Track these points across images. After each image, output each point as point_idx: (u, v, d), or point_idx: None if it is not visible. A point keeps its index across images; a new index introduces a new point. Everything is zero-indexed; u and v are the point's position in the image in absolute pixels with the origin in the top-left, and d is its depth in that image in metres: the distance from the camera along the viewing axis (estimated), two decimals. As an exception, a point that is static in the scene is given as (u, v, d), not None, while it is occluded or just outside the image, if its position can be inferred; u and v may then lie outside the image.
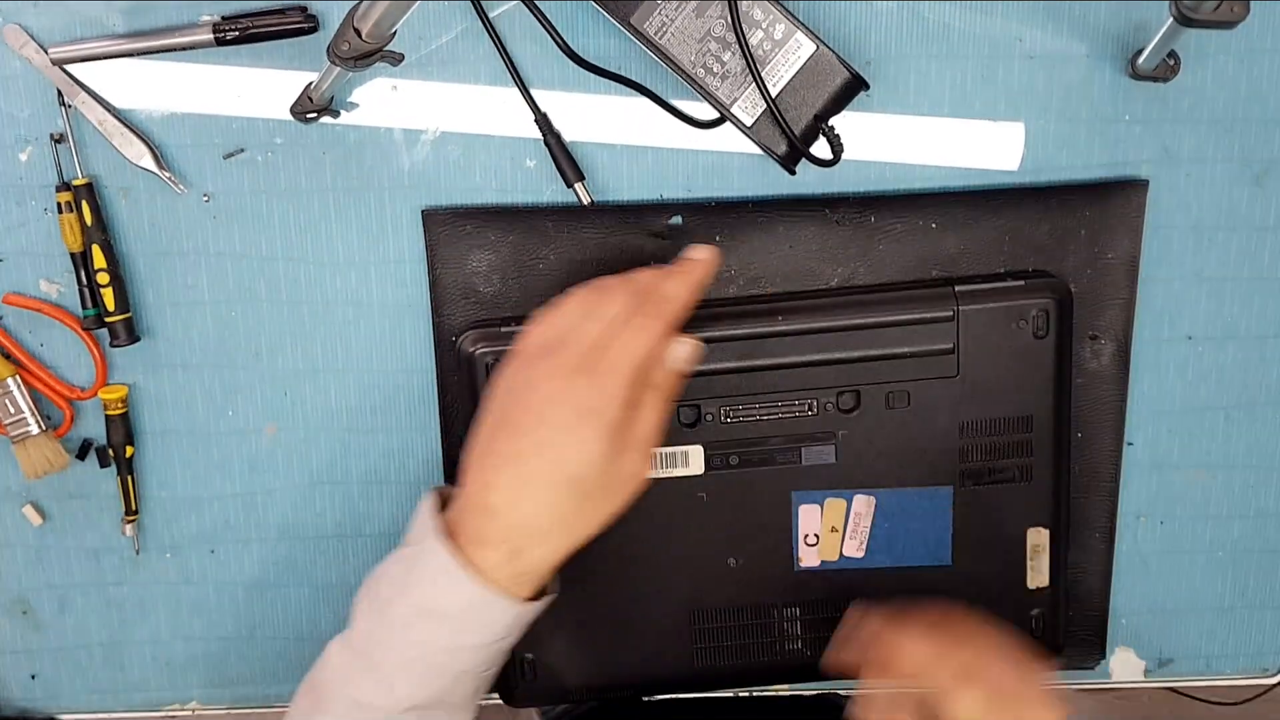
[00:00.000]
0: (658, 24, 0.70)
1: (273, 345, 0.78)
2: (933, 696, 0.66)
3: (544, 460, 0.63)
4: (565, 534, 0.64)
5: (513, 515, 0.63)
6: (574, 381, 0.63)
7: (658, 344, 0.65)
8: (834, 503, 0.77)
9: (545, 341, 0.65)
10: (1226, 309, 0.79)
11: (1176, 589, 0.84)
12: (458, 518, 0.65)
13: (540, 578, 0.66)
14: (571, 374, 0.63)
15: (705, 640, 0.79)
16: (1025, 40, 0.74)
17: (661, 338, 0.65)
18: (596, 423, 0.63)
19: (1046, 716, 0.65)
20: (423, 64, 0.74)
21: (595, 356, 0.64)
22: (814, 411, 0.75)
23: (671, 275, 0.68)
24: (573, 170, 0.74)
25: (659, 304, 0.66)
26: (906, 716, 0.68)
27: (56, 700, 0.85)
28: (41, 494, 0.81)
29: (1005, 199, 0.75)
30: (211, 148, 0.75)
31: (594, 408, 0.63)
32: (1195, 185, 0.77)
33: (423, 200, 0.76)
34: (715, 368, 0.74)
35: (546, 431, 0.63)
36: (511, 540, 0.64)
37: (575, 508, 0.64)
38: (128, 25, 0.72)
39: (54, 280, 0.77)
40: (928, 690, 0.66)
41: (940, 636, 0.69)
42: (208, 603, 0.83)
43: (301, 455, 0.80)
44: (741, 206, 0.75)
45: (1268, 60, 0.74)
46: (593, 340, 0.64)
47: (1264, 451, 0.82)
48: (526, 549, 0.64)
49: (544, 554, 0.64)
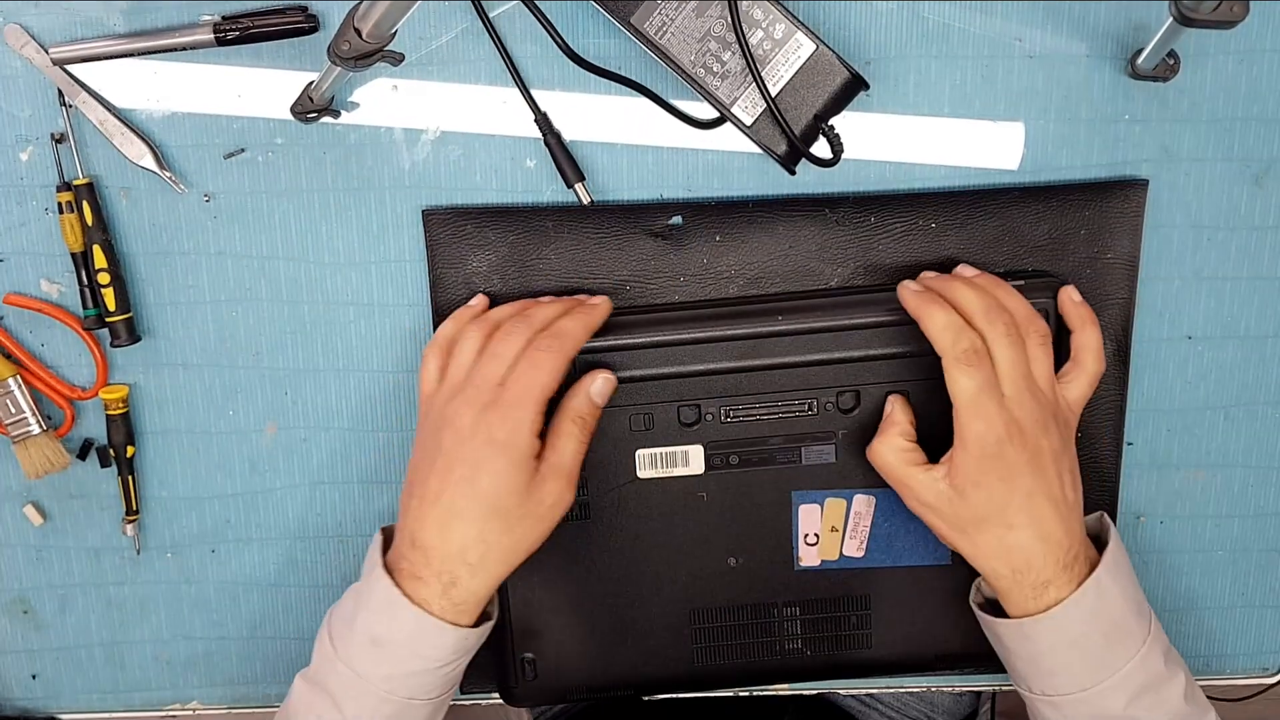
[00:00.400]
0: (658, 24, 0.70)
1: (273, 345, 0.78)
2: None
3: (464, 495, 0.67)
4: (496, 563, 0.68)
5: (443, 549, 0.67)
6: (484, 417, 0.67)
7: (557, 375, 0.68)
8: (834, 502, 0.77)
9: (452, 382, 0.69)
10: (1226, 309, 0.79)
11: (1176, 589, 0.84)
12: (395, 555, 0.69)
13: (479, 604, 0.69)
14: (481, 411, 0.67)
15: (705, 640, 0.79)
16: (1025, 40, 0.74)
17: (560, 369, 0.68)
18: (509, 454, 0.66)
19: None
20: (423, 64, 0.74)
21: (499, 392, 0.67)
22: (814, 411, 0.75)
23: (570, 313, 0.71)
24: (573, 170, 0.74)
25: (556, 337, 0.69)
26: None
27: (57, 700, 0.85)
28: (42, 494, 0.81)
29: (1005, 199, 0.76)
30: (212, 148, 0.75)
31: (504, 440, 0.66)
32: (1195, 185, 0.77)
33: (423, 200, 0.76)
34: (715, 368, 0.74)
35: (463, 468, 0.67)
36: (444, 574, 0.67)
37: (500, 537, 0.67)
38: (128, 25, 0.72)
39: (55, 280, 0.77)
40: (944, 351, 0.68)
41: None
42: (208, 602, 0.83)
43: (301, 455, 0.80)
44: (741, 206, 0.75)
45: (1267, 60, 0.74)
46: (497, 377, 0.68)
47: (1264, 451, 0.82)
48: (460, 580, 0.67)
49: (478, 584, 0.68)
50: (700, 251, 0.76)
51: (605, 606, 0.78)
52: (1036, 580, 0.68)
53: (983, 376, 0.67)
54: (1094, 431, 0.79)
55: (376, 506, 0.81)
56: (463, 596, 0.67)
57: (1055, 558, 0.68)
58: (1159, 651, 0.70)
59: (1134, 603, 0.70)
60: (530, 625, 0.78)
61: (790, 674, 0.81)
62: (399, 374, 0.78)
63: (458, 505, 0.67)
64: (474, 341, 0.70)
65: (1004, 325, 0.68)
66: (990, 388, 0.67)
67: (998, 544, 0.68)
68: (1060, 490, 0.69)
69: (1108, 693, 0.69)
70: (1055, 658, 0.69)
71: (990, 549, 0.69)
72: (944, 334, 0.68)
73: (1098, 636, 0.69)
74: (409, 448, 0.79)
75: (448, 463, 0.67)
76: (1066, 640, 0.69)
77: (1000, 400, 0.67)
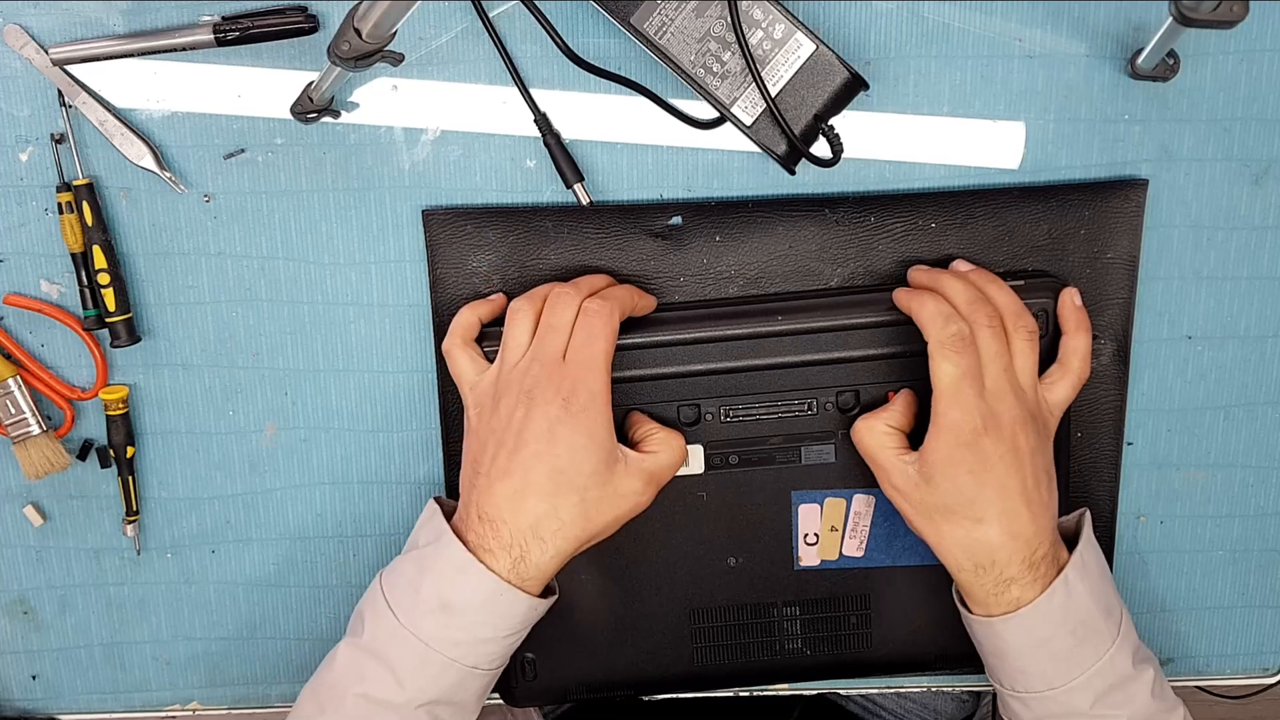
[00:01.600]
0: (658, 24, 0.70)
1: (273, 345, 0.78)
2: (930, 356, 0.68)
3: (538, 470, 0.66)
4: (566, 540, 0.67)
5: (514, 523, 0.66)
6: (554, 392, 0.67)
7: (613, 336, 0.69)
8: (834, 502, 0.77)
9: (511, 361, 0.69)
10: (1226, 308, 0.79)
11: (1176, 588, 0.84)
12: (461, 528, 0.68)
13: (544, 580, 0.68)
14: (550, 386, 0.67)
15: (704, 639, 0.79)
16: (1025, 40, 0.74)
17: (614, 328, 0.69)
18: (585, 429, 0.67)
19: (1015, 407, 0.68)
20: (423, 64, 0.74)
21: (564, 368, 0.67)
22: (813, 411, 0.75)
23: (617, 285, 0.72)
24: (572, 171, 0.74)
25: (605, 299, 0.70)
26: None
27: (57, 700, 0.85)
28: (42, 494, 0.81)
29: (1004, 199, 0.76)
30: (212, 148, 0.75)
31: (578, 413, 0.67)
32: (1194, 184, 0.77)
33: (423, 200, 0.76)
34: (715, 367, 0.74)
35: (536, 444, 0.66)
36: (514, 547, 0.67)
37: (574, 514, 0.67)
38: (128, 25, 0.72)
39: (54, 280, 0.77)
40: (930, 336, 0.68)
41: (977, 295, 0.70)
42: (208, 603, 0.83)
43: (301, 455, 0.80)
44: (741, 206, 0.75)
45: (1267, 60, 0.74)
46: (558, 349, 0.68)
47: (1264, 451, 0.82)
48: (529, 555, 0.67)
49: (546, 559, 0.67)
50: (700, 251, 0.76)
51: (605, 606, 0.78)
52: (999, 577, 0.68)
53: (966, 364, 0.67)
54: (1094, 431, 0.79)
55: (376, 507, 0.81)
56: (530, 572, 0.67)
57: (1022, 556, 0.68)
58: (1128, 651, 0.70)
59: (1103, 602, 0.70)
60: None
61: (790, 674, 0.82)
62: (399, 374, 0.78)
63: (531, 479, 0.66)
64: (527, 317, 0.70)
65: (987, 317, 0.68)
66: (972, 377, 0.67)
67: (964, 536, 0.68)
68: (1035, 488, 0.68)
69: (1074, 692, 0.69)
70: (1023, 656, 0.69)
71: (954, 541, 0.69)
72: (934, 320, 0.68)
73: (1065, 636, 0.69)
74: (409, 448, 0.79)
75: (518, 439, 0.67)
76: (1034, 640, 0.69)
77: (980, 391, 0.67)
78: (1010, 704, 0.72)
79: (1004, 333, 0.69)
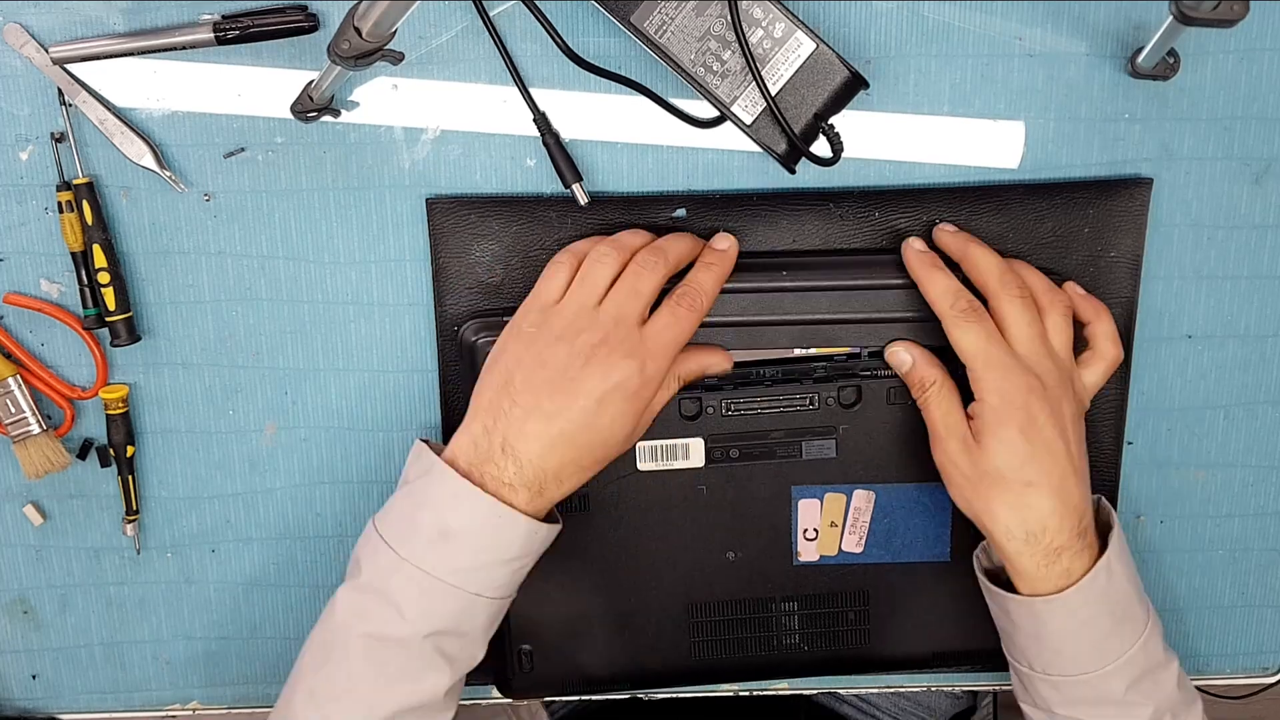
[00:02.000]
0: (658, 23, 0.70)
1: (273, 345, 0.78)
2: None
3: (581, 426, 0.67)
4: (580, 481, 0.69)
5: (541, 465, 0.68)
6: (624, 361, 0.67)
7: (692, 334, 0.70)
8: (833, 497, 0.77)
9: (584, 301, 0.69)
10: (1226, 308, 0.79)
11: (1176, 588, 0.84)
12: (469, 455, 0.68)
13: (551, 506, 0.70)
14: (621, 353, 0.67)
15: (703, 634, 0.79)
16: (1025, 39, 0.74)
17: (696, 327, 0.70)
18: (636, 406, 0.68)
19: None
20: (423, 63, 0.74)
21: (640, 340, 0.68)
22: (815, 406, 0.75)
23: (706, 268, 0.71)
24: (570, 171, 0.74)
25: (698, 297, 0.70)
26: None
27: (57, 700, 0.85)
28: (42, 494, 0.81)
29: (1009, 195, 0.75)
30: (212, 147, 0.75)
31: (636, 392, 0.68)
32: (1195, 184, 0.77)
33: (423, 199, 0.76)
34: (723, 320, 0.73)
35: (587, 400, 0.67)
36: (534, 484, 0.68)
37: (597, 466, 0.69)
38: (128, 24, 0.72)
39: (54, 280, 0.77)
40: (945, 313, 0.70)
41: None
42: (208, 602, 0.83)
43: (301, 455, 0.80)
44: (745, 199, 0.75)
45: (1267, 59, 0.75)
46: (636, 316, 0.68)
47: (1264, 451, 0.82)
48: (546, 490, 0.68)
49: (561, 493, 0.69)
50: (703, 245, 0.76)
51: (603, 599, 0.78)
52: (1049, 546, 0.68)
53: (981, 327, 0.68)
54: (1094, 431, 0.79)
55: (376, 506, 0.80)
56: (544, 503, 0.69)
57: (1071, 524, 0.68)
58: (1159, 637, 0.71)
59: (1137, 587, 0.71)
60: (528, 617, 0.78)
61: (787, 669, 0.82)
62: (400, 373, 0.78)
63: (570, 433, 0.67)
64: (610, 266, 0.70)
65: (1018, 289, 0.69)
66: (994, 338, 0.68)
67: (1015, 501, 0.68)
68: (1080, 457, 0.69)
69: (1110, 676, 0.69)
70: (1063, 638, 0.69)
71: (1006, 508, 0.68)
72: (943, 297, 0.69)
73: (1106, 619, 0.69)
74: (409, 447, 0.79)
75: (571, 388, 0.67)
76: (1076, 622, 0.68)
77: (1010, 351, 0.68)
78: (1039, 687, 0.71)
79: (1033, 304, 0.70)
